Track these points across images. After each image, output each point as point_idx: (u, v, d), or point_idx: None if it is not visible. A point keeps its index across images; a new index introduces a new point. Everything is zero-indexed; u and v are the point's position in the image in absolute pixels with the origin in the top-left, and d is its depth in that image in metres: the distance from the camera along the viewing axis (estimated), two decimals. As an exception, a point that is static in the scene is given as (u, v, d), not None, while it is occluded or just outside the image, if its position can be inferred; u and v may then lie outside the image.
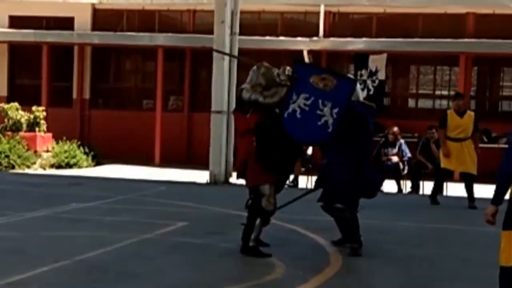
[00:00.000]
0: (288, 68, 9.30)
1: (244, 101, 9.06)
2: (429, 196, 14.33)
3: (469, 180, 13.90)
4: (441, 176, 14.38)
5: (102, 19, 24.42)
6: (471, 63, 22.02)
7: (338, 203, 9.19)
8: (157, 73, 23.28)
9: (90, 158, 21.68)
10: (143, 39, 23.18)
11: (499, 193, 5.74)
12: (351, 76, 14.66)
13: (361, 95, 9.96)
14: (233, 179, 16.83)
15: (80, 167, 21.08)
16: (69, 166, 20.93)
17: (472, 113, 14.37)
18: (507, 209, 5.72)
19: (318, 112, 8.97)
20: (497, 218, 5.82)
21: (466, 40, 21.52)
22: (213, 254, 9.05)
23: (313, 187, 10.16)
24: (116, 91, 25.12)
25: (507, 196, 5.81)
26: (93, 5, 24.35)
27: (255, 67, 9.28)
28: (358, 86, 9.87)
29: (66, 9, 24.11)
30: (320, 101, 8.97)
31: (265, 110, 9.03)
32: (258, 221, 9.04)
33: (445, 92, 22.47)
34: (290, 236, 10.32)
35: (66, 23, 24.22)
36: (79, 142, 22.01)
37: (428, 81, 23.15)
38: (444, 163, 13.99)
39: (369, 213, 9.79)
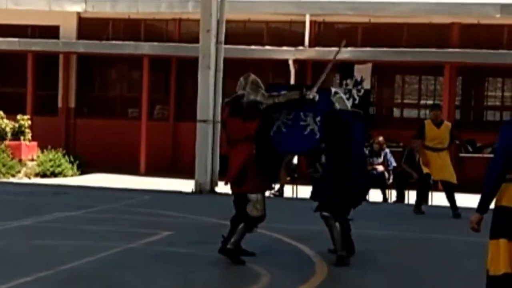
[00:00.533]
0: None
1: (250, 103, 9.04)
2: (414, 205, 14.36)
3: (449, 189, 13.96)
4: (424, 184, 14.42)
5: (88, 27, 24.39)
6: (455, 73, 22.12)
7: (324, 211, 9.21)
8: (142, 82, 23.27)
9: (75, 167, 21.65)
10: (129, 47, 23.17)
11: (484, 201, 5.74)
12: (333, 88, 14.82)
13: (348, 104, 10.03)
14: (219, 188, 16.83)
15: (65, 176, 21.04)
16: (54, 175, 20.89)
17: (449, 124, 14.59)
18: (493, 218, 5.73)
19: (302, 123, 9.21)
20: (482, 226, 5.83)
21: (451, 50, 21.62)
22: (198, 264, 9.02)
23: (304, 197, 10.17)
24: (101, 100, 25.09)
25: (492, 205, 5.82)
26: (78, 13, 24.32)
27: (242, 78, 9.32)
28: (344, 96, 9.93)
29: (51, 18, 24.06)
30: (301, 113, 9.26)
31: (265, 116, 9.09)
32: (241, 225, 9.06)
33: (430, 102, 22.53)
34: (276, 245, 10.31)
35: (51, 31, 24.18)
36: (64, 151, 21.97)
37: (413, 90, 23.25)
38: (425, 170, 14.07)
39: (355, 222, 9.79)
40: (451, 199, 13.86)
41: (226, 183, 9.41)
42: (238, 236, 9.07)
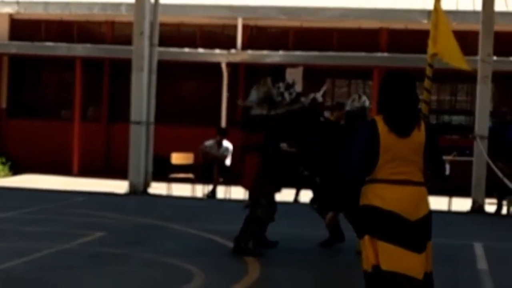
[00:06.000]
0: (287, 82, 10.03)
1: (253, 117, 9.89)
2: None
3: None
4: None
5: (20, 29, 24.19)
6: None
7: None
8: (75, 84, 23.19)
9: (7, 168, 21.48)
10: (61, 49, 23.06)
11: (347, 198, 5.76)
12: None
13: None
14: (152, 189, 16.95)
15: (-4, 177, 20.87)
16: (-15, 176, 20.71)
17: None
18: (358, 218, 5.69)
19: None
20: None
21: (379, 54, 22.06)
22: (132, 264, 9.15)
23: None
24: (34, 101, 24.88)
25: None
26: (10, 15, 24.10)
27: (255, 85, 9.88)
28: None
29: (-18, 19, 23.83)
30: None
31: (268, 131, 9.81)
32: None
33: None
34: (209, 246, 10.49)
35: (-18, 32, 23.96)
36: (-5, 152, 21.78)
37: (343, 93, 23.63)
38: None
39: (288, 222, 10.03)
40: None
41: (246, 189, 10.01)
42: (252, 235, 9.72)
